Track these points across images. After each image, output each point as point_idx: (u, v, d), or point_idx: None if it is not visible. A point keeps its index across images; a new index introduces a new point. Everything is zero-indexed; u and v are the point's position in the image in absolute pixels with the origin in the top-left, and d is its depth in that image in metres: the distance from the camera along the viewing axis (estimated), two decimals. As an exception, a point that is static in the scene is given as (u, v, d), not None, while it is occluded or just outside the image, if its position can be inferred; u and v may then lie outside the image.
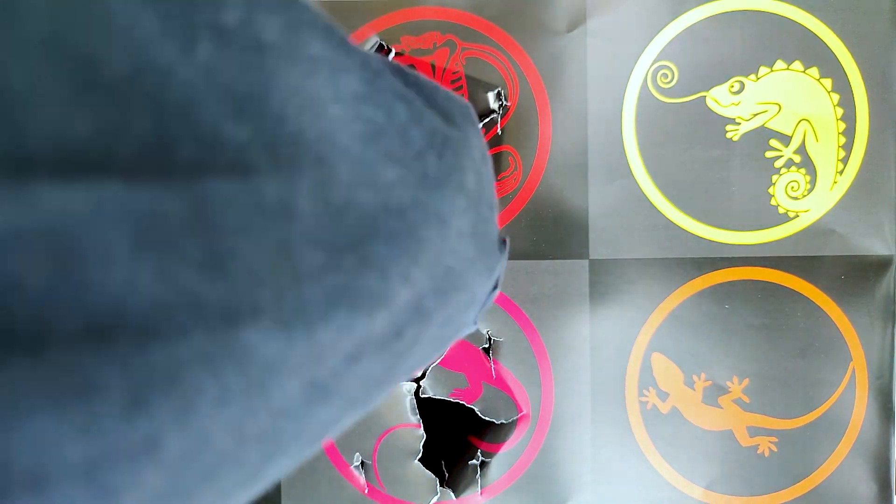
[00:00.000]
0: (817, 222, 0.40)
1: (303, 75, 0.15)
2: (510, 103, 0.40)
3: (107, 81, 0.12)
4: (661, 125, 0.40)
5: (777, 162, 0.40)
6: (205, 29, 0.13)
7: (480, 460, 0.41)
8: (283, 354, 0.14)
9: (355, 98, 0.16)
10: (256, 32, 0.14)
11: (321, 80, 0.16)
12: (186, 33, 0.13)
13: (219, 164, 0.13)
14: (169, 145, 0.12)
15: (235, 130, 0.13)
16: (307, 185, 0.15)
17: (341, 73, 0.16)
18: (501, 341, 0.40)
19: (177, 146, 0.12)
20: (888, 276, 0.40)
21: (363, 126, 0.16)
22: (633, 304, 0.40)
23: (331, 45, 0.16)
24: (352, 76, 0.16)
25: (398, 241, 0.16)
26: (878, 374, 0.40)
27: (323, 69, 0.16)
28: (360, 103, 0.16)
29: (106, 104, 0.12)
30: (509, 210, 0.40)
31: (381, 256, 0.16)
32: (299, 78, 0.15)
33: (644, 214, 0.40)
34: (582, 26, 0.40)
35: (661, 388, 0.40)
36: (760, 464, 0.40)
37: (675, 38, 0.40)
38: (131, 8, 0.12)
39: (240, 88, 0.14)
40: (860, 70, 0.39)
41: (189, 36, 0.13)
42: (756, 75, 0.39)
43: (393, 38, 0.40)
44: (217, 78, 0.13)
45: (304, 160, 0.15)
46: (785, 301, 0.40)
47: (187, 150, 0.13)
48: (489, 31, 0.40)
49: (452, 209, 0.18)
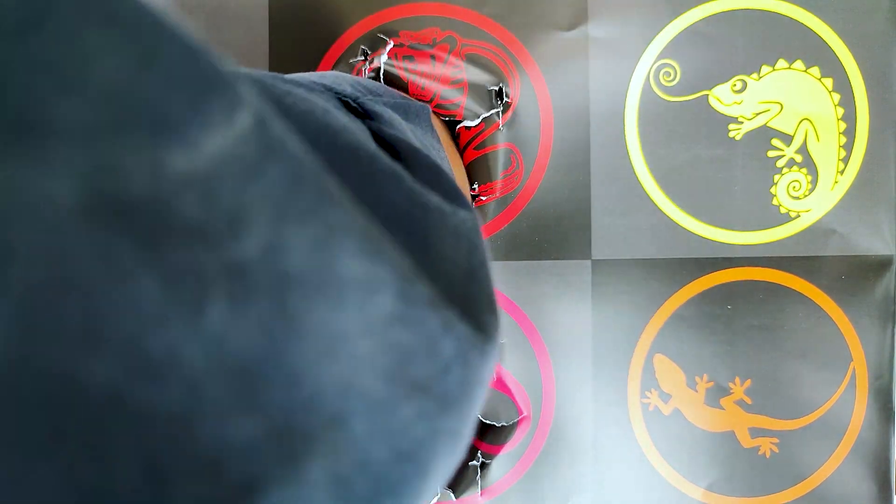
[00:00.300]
0: (818, 222, 0.40)
1: (330, 309, 0.13)
2: (511, 101, 0.39)
3: (81, 426, 0.09)
4: (664, 124, 0.39)
5: (779, 161, 0.40)
6: (218, 278, 0.11)
7: (481, 461, 0.40)
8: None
9: (386, 322, 0.14)
10: (282, 261, 0.12)
11: (351, 311, 0.13)
12: (194, 294, 0.11)
13: (219, 496, 0.11)
14: (163, 490, 0.10)
15: (243, 429, 0.11)
16: (318, 467, 0.12)
17: (374, 295, 0.14)
18: (502, 343, 0.40)
19: (173, 488, 0.10)
20: (888, 276, 0.40)
21: (390, 358, 0.14)
22: (636, 304, 0.40)
23: (366, 255, 0.13)
24: (386, 293, 0.14)
25: (408, 486, 0.14)
26: (877, 375, 0.40)
27: (354, 295, 0.13)
28: (391, 326, 0.14)
29: (78, 457, 0.09)
30: (511, 209, 0.40)
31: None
32: (325, 314, 0.13)
33: (646, 214, 0.40)
34: (584, 24, 0.39)
35: (664, 390, 0.40)
36: (762, 465, 0.40)
37: (678, 37, 0.39)
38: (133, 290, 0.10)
39: (253, 356, 0.11)
40: (861, 70, 0.39)
41: (197, 296, 0.11)
42: (758, 74, 0.39)
43: (392, 32, 0.39)
44: (227, 350, 0.11)
45: (318, 434, 0.12)
46: (786, 301, 0.40)
47: (184, 487, 0.10)
48: (490, 28, 0.39)
49: (467, 423, 0.16)
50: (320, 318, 0.12)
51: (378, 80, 0.39)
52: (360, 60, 0.39)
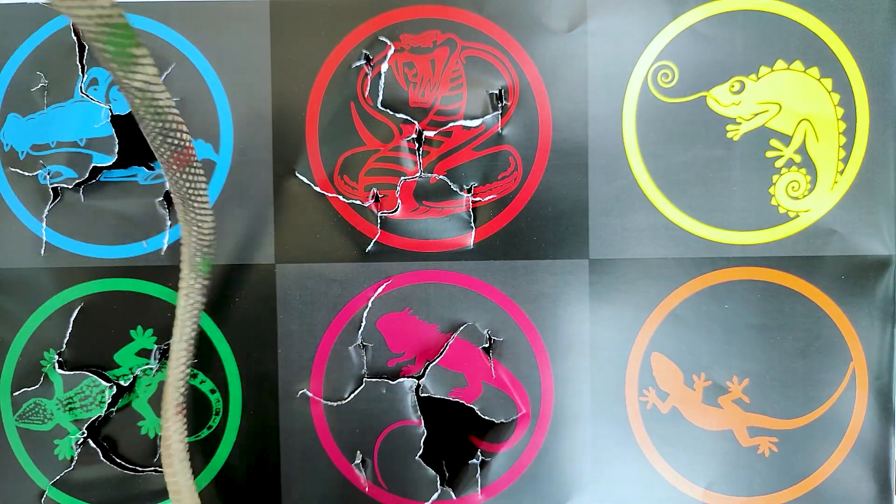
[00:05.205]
0: (818, 222, 0.40)
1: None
2: (510, 103, 0.40)
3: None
4: (662, 125, 0.40)
5: (777, 162, 0.40)
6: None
7: (480, 460, 0.41)
8: None
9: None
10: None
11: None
12: None
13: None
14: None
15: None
16: None
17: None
18: (501, 341, 0.40)
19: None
20: (888, 276, 0.40)
21: None
22: (633, 303, 0.40)
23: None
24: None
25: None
26: (877, 375, 0.40)
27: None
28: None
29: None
30: (509, 210, 0.40)
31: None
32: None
33: (644, 214, 0.40)
34: (583, 25, 0.40)
35: (661, 388, 0.40)
36: (761, 464, 0.40)
37: (676, 38, 0.40)
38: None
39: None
40: (860, 70, 0.39)
41: None
42: (756, 75, 0.39)
43: (392, 35, 0.40)
44: None
45: None
46: (785, 301, 0.40)
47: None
48: (490, 30, 0.40)
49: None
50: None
51: (379, 85, 0.40)
52: (363, 65, 0.40)
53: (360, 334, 0.41)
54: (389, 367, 0.41)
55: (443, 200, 0.40)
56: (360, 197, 0.40)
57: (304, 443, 0.41)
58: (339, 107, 0.40)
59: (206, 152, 0.40)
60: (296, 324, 0.41)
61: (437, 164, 0.40)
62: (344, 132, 0.40)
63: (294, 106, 0.40)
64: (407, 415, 0.41)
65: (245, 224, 0.41)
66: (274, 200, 0.40)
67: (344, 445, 0.41)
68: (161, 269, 0.41)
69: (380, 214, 0.40)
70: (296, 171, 0.40)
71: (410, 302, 0.41)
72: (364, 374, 0.41)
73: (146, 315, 0.41)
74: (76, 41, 0.40)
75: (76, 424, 0.41)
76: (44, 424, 0.41)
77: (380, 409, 0.41)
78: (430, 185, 0.40)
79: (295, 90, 0.40)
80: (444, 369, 0.40)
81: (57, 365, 0.41)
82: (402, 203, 0.40)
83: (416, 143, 0.40)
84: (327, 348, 0.41)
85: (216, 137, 0.40)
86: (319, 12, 0.40)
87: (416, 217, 0.40)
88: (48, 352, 0.41)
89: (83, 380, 0.41)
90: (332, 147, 0.40)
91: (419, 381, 0.40)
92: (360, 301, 0.41)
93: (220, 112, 0.40)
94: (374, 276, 0.41)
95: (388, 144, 0.40)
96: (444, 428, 0.41)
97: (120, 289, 0.41)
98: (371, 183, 0.40)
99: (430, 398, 0.40)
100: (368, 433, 0.41)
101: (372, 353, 0.41)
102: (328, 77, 0.40)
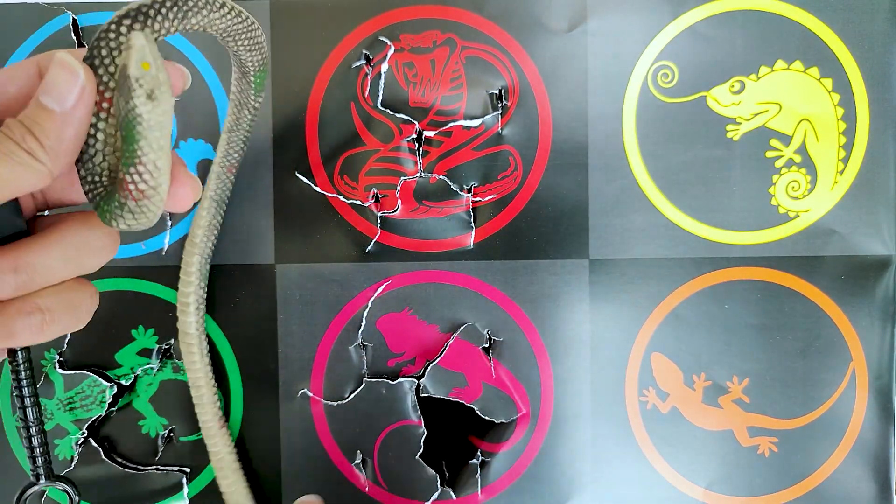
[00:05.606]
0: (818, 222, 0.40)
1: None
2: (510, 103, 0.40)
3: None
4: (662, 125, 0.40)
5: (777, 162, 0.40)
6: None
7: (481, 460, 0.41)
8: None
9: None
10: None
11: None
12: None
13: None
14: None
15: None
16: None
17: None
18: (501, 341, 0.40)
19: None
20: (888, 276, 0.40)
21: None
22: (633, 303, 0.40)
23: None
24: None
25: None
26: (877, 375, 0.40)
27: None
28: None
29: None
30: (509, 210, 0.40)
31: None
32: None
33: (644, 214, 0.40)
34: (582, 26, 0.40)
35: (661, 388, 0.40)
36: (761, 464, 0.40)
37: (676, 38, 0.40)
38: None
39: None
40: (860, 70, 0.39)
41: None
42: (756, 75, 0.39)
43: (392, 35, 0.40)
44: None
45: None
46: (785, 301, 0.40)
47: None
48: (489, 30, 0.40)
49: None
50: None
51: (379, 85, 0.40)
52: (363, 65, 0.40)
53: (360, 334, 0.41)
54: (389, 367, 0.41)
55: (443, 200, 0.40)
56: (360, 197, 0.40)
57: (304, 442, 0.41)
58: (339, 107, 0.40)
59: (206, 152, 0.40)
60: (296, 324, 0.41)
61: (437, 164, 0.40)
62: (344, 132, 0.40)
63: (294, 106, 0.40)
64: (407, 415, 0.41)
65: (245, 224, 0.41)
66: (274, 200, 0.41)
67: (344, 445, 0.41)
68: (162, 269, 0.41)
69: (380, 214, 0.40)
70: (296, 171, 0.40)
71: (410, 302, 0.41)
72: (364, 374, 0.41)
73: (147, 315, 0.41)
74: (76, 41, 0.40)
75: (76, 424, 0.41)
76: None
77: (380, 409, 0.41)
78: (430, 185, 0.40)
79: (295, 90, 0.40)
80: (444, 369, 0.40)
81: (57, 365, 0.41)
82: (402, 203, 0.40)
83: (416, 143, 0.40)
84: (327, 348, 0.41)
85: (216, 137, 0.40)
86: (319, 12, 0.40)
87: (416, 217, 0.40)
88: (49, 352, 0.41)
89: (84, 379, 0.41)
90: (332, 147, 0.40)
91: (419, 381, 0.40)
92: (360, 301, 0.41)
93: (220, 112, 0.40)
94: (374, 276, 0.41)
95: (388, 144, 0.40)
96: (444, 428, 0.41)
97: (121, 289, 0.41)
98: (371, 183, 0.40)
99: (430, 398, 0.40)
100: (368, 433, 0.41)
101: (372, 352, 0.41)
102: (328, 77, 0.40)
